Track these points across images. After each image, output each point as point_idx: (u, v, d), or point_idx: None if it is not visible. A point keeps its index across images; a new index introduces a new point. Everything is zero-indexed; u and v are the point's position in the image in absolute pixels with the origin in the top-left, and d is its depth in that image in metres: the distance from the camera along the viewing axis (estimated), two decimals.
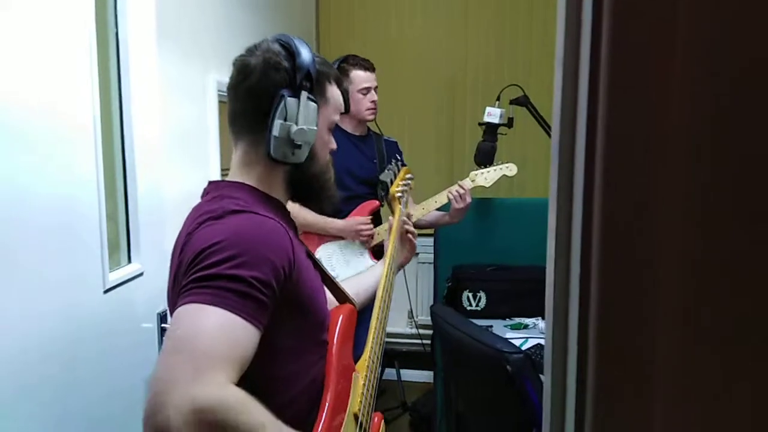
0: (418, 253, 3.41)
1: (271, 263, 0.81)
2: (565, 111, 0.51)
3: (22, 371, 0.98)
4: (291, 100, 0.92)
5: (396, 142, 2.40)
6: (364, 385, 1.06)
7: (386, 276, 1.26)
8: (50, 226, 1.06)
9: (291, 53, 0.94)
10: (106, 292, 1.23)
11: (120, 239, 1.36)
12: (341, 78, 1.08)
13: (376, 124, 2.31)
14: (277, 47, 0.95)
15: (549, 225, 0.53)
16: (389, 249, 1.32)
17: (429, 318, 3.02)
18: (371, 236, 2.13)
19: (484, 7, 3.26)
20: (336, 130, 1.09)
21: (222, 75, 2.05)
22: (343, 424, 0.96)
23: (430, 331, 2.98)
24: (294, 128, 0.92)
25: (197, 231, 0.86)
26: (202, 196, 0.99)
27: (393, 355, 3.24)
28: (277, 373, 0.91)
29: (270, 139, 0.92)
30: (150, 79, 1.43)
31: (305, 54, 0.94)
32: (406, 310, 3.36)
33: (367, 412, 1.06)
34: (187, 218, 0.94)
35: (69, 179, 1.12)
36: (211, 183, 1.01)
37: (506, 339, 1.72)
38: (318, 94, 0.97)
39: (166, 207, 1.52)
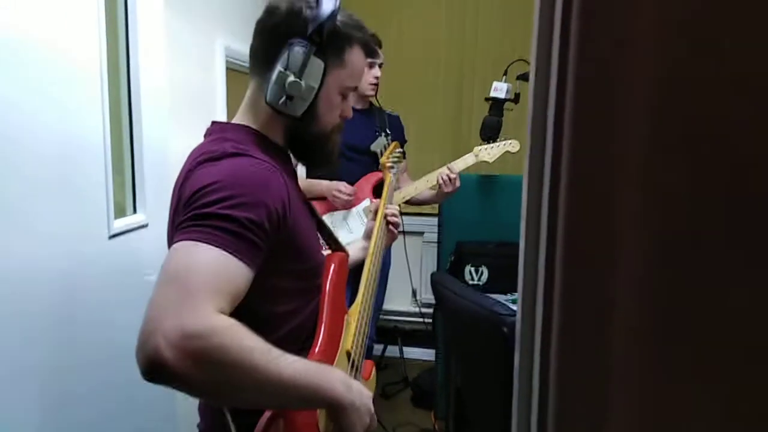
0: (423, 233, 3.44)
1: (264, 205, 0.83)
2: (538, 93, 0.53)
3: (26, 309, 1.01)
4: (297, 50, 0.89)
5: (398, 116, 2.41)
6: (356, 327, 1.09)
7: (376, 234, 1.29)
8: (58, 170, 1.09)
9: (317, 3, 0.91)
10: (111, 237, 1.26)
11: (126, 190, 1.40)
12: (373, 48, 1.05)
13: (377, 99, 2.32)
14: None
15: (522, 205, 0.54)
16: (381, 207, 1.42)
17: (432, 297, 3.03)
18: (347, 203, 2.16)
19: None
20: None
21: (230, 41, 2.08)
22: (336, 357, 0.99)
23: (432, 310, 3.00)
24: (290, 79, 0.90)
25: (196, 170, 0.87)
26: (205, 136, 1.01)
27: (396, 333, 3.27)
28: (271, 312, 0.93)
29: (269, 85, 0.92)
30: (157, 37, 1.46)
31: (325, 7, 0.89)
32: (409, 288, 3.38)
33: (359, 353, 1.08)
34: (189, 156, 0.96)
35: (76, 124, 1.15)
36: (214, 123, 1.02)
37: (503, 303, 1.73)
38: (331, 54, 0.94)
39: (171, 165, 1.55)
